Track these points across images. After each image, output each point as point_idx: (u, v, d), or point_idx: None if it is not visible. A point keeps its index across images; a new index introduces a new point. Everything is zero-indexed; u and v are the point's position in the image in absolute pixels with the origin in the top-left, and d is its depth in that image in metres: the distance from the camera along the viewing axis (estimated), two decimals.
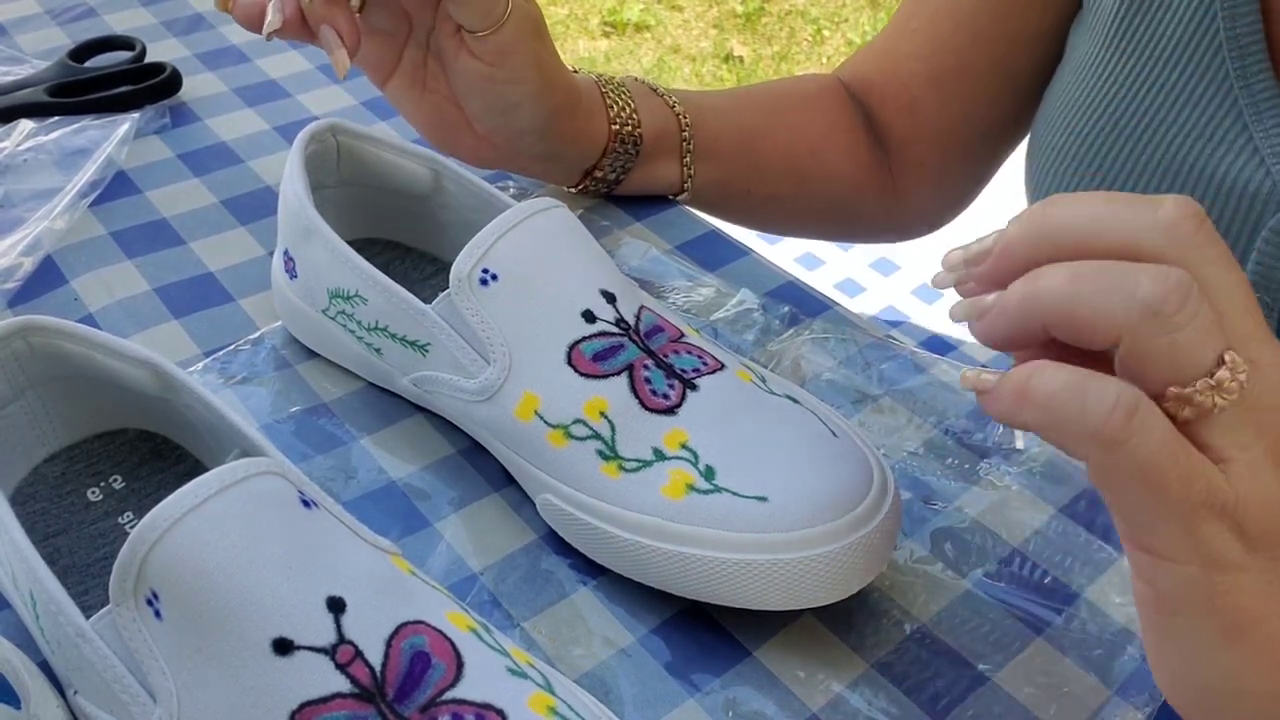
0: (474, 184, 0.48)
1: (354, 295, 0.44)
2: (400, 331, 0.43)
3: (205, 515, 0.30)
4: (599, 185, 0.57)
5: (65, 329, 0.38)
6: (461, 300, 0.41)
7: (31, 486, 0.40)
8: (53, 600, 0.32)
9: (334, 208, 0.50)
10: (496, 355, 0.41)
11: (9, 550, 0.34)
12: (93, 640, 0.31)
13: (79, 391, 0.40)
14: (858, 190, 0.65)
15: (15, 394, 0.39)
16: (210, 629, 0.30)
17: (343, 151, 0.50)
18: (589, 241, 0.43)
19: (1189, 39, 0.47)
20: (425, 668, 0.30)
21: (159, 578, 0.30)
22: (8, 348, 0.38)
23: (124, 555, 0.30)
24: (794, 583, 0.36)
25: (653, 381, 0.40)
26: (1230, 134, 0.46)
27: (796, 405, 0.40)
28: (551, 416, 0.40)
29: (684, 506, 0.37)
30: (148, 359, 0.38)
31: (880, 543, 0.37)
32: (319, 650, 0.30)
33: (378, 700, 0.29)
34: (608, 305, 0.41)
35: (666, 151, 0.57)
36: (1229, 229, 0.47)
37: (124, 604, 0.30)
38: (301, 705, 0.29)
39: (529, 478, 0.42)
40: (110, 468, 0.41)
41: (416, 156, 0.49)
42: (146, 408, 0.40)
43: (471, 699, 0.30)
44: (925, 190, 0.66)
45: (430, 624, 0.32)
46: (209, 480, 0.31)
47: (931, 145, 0.64)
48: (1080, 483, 0.45)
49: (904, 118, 0.64)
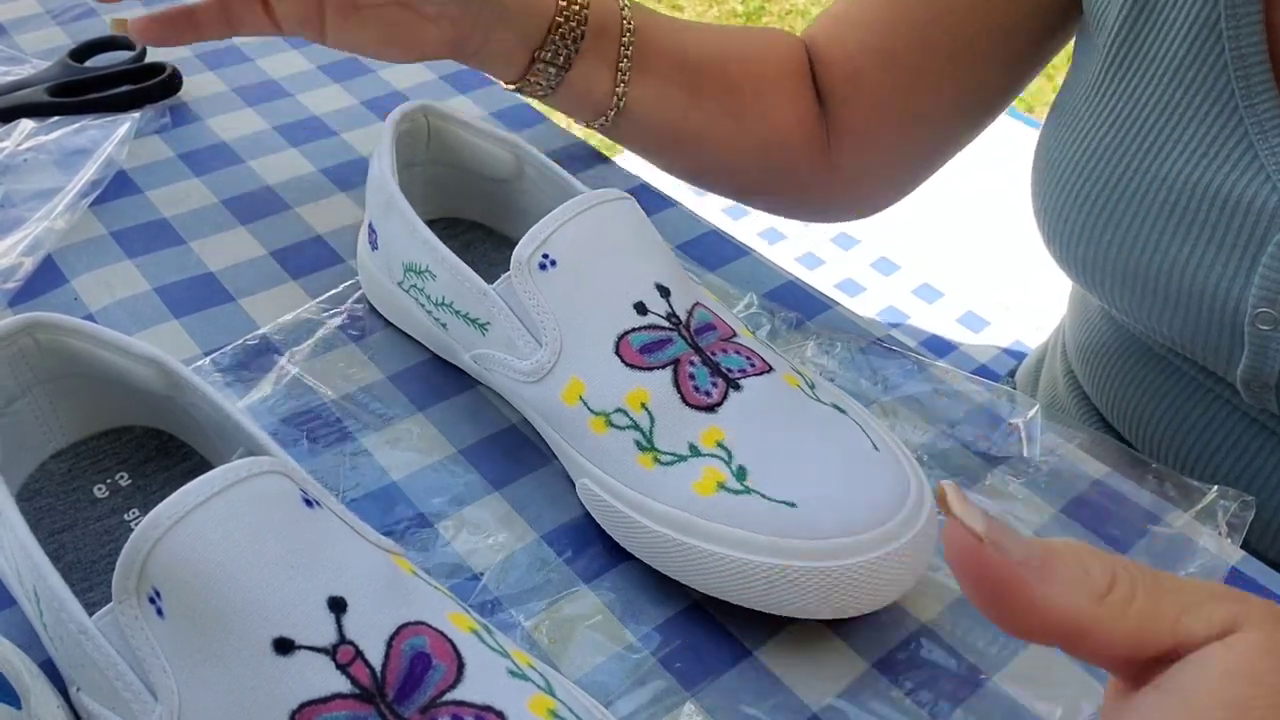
0: (553, 171, 0.49)
1: (425, 270, 0.46)
2: (464, 309, 0.44)
3: (208, 514, 0.30)
4: (542, 76, 0.55)
5: (72, 326, 0.38)
6: (520, 283, 0.42)
7: (38, 483, 0.40)
8: (56, 597, 0.32)
9: (421, 185, 0.52)
10: (548, 339, 0.41)
11: (14, 546, 0.34)
12: (95, 637, 0.31)
13: (86, 388, 0.40)
14: (794, 143, 0.62)
15: (22, 390, 0.39)
16: (212, 627, 0.30)
17: (432, 132, 0.51)
18: (651, 234, 0.44)
19: (1192, 57, 0.47)
20: (426, 668, 0.30)
21: (161, 576, 0.30)
22: (15, 344, 0.38)
23: (127, 553, 0.30)
24: (815, 592, 0.36)
25: (697, 378, 0.40)
26: (1235, 151, 0.46)
27: (841, 415, 0.40)
28: (595, 403, 0.40)
29: (713, 504, 0.38)
30: (154, 357, 0.38)
31: (908, 561, 0.37)
32: (320, 650, 0.30)
33: (378, 701, 0.29)
34: (661, 299, 0.42)
35: (604, 52, 0.55)
36: (1235, 245, 0.46)
37: (126, 601, 0.30)
38: (302, 705, 0.29)
39: (570, 461, 0.42)
40: (116, 465, 0.41)
41: (501, 142, 0.50)
42: (153, 405, 0.40)
43: (472, 700, 0.30)
44: (858, 161, 0.64)
45: (431, 625, 0.32)
46: (212, 479, 0.31)
47: (869, 116, 0.62)
48: (1082, 487, 0.45)
49: (845, 84, 0.61)
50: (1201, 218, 0.47)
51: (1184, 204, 0.48)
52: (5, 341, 0.38)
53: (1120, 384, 0.60)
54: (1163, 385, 0.57)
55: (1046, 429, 0.47)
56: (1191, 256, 0.48)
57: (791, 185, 0.64)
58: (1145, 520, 0.44)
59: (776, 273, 0.56)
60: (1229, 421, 0.54)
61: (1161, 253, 0.49)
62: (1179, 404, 0.56)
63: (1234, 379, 0.50)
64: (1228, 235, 0.46)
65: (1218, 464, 0.54)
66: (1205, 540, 0.43)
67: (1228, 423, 0.54)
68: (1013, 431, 0.47)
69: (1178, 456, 0.56)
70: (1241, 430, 0.53)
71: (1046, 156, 0.55)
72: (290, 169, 0.62)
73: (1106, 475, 0.45)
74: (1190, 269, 0.48)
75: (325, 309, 0.52)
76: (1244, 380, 0.50)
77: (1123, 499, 0.44)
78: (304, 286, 0.54)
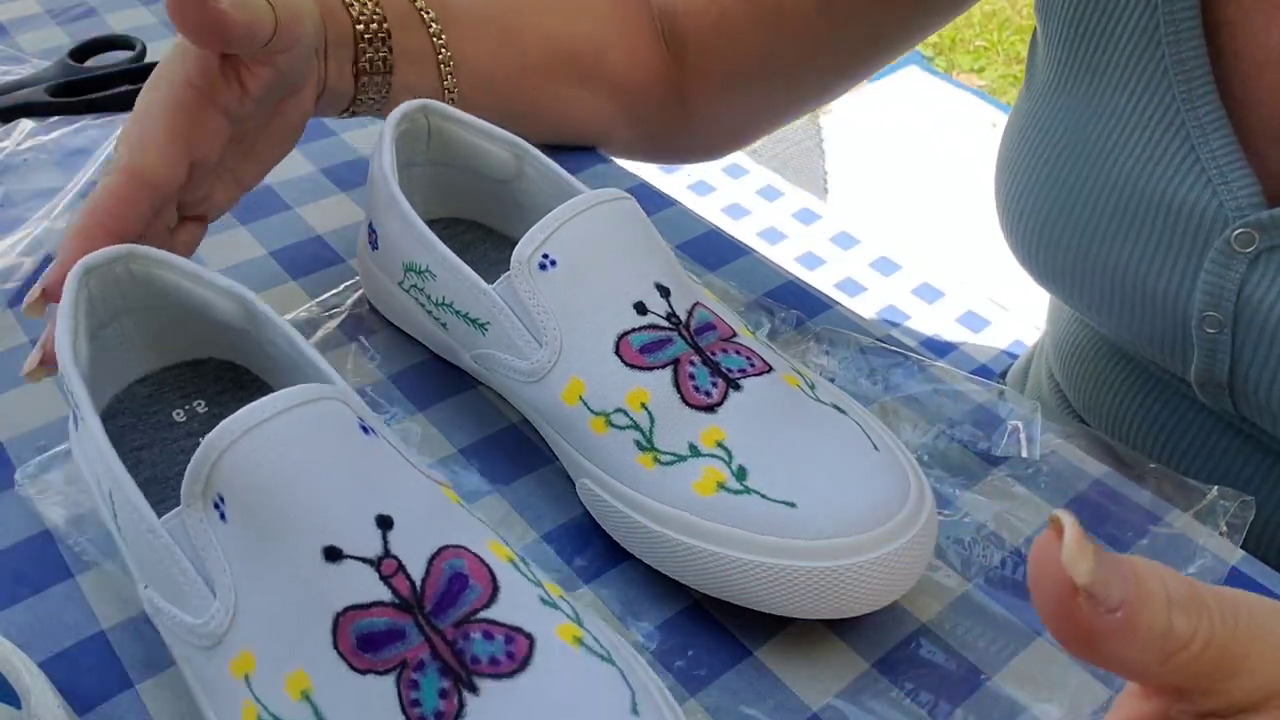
0: (553, 171, 0.49)
1: (425, 270, 0.46)
2: (464, 308, 0.44)
3: (272, 429, 0.33)
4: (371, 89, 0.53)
5: (164, 259, 0.41)
6: (520, 283, 0.42)
7: (122, 403, 0.43)
8: (129, 500, 0.35)
9: (421, 185, 0.52)
10: (548, 339, 0.41)
11: (94, 454, 0.36)
12: (163, 537, 0.34)
13: (171, 319, 0.42)
14: (648, 93, 0.62)
15: (113, 316, 0.42)
16: (268, 533, 0.32)
17: (433, 132, 0.51)
18: (651, 234, 0.44)
19: (1135, 63, 0.47)
20: (462, 588, 0.32)
21: (226, 483, 0.32)
22: (110, 273, 0.40)
23: (196, 460, 0.32)
24: (814, 592, 0.36)
25: (697, 378, 0.40)
26: (1178, 157, 0.46)
27: (841, 415, 0.40)
28: (595, 403, 0.40)
29: (713, 504, 0.38)
30: (237, 292, 0.40)
31: (908, 561, 0.37)
32: (365, 561, 0.32)
33: (415, 611, 0.31)
34: (661, 299, 0.42)
35: (418, 46, 0.54)
36: (1180, 250, 0.47)
37: (193, 505, 0.33)
38: (346, 608, 0.31)
39: (570, 461, 0.42)
40: (195, 392, 0.44)
41: (502, 141, 0.50)
42: (231, 339, 0.43)
43: (503, 621, 0.32)
44: (714, 108, 0.64)
45: (471, 549, 0.34)
46: (278, 398, 0.33)
47: (730, 64, 0.62)
48: (1082, 487, 0.45)
49: (708, 33, 0.62)
50: (1149, 223, 0.48)
51: (1133, 209, 0.48)
52: (102, 269, 0.40)
53: (1094, 385, 0.60)
54: (1133, 386, 0.57)
55: (1046, 429, 0.47)
56: (1141, 261, 0.48)
57: (643, 128, 0.64)
58: (1145, 520, 0.44)
59: (776, 273, 0.56)
60: (1197, 421, 0.54)
61: (1114, 257, 0.49)
62: (1149, 405, 0.56)
63: (1191, 380, 0.50)
64: (1174, 240, 0.47)
65: (1188, 464, 0.55)
66: (1205, 540, 0.43)
67: (1196, 422, 0.54)
68: (1013, 431, 0.47)
69: (1150, 457, 0.56)
70: (1210, 430, 0.53)
71: (1006, 162, 0.55)
72: (290, 169, 0.62)
73: (1106, 475, 0.45)
74: (1141, 273, 0.49)
75: (325, 309, 0.52)
76: (1198, 382, 0.50)
77: (1123, 499, 0.44)
78: (304, 286, 0.54)
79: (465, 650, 0.31)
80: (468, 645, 0.31)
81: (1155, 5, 0.46)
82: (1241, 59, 0.45)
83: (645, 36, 0.62)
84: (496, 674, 0.31)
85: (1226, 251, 0.45)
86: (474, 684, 0.30)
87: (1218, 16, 0.45)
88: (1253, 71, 0.45)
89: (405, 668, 0.31)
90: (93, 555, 0.41)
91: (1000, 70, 2.38)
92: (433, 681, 0.30)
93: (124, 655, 0.38)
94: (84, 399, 0.37)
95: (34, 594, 0.40)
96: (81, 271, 0.39)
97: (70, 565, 0.41)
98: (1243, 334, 0.46)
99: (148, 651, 0.38)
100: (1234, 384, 0.48)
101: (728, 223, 1.81)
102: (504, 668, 0.31)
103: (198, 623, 0.33)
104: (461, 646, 0.31)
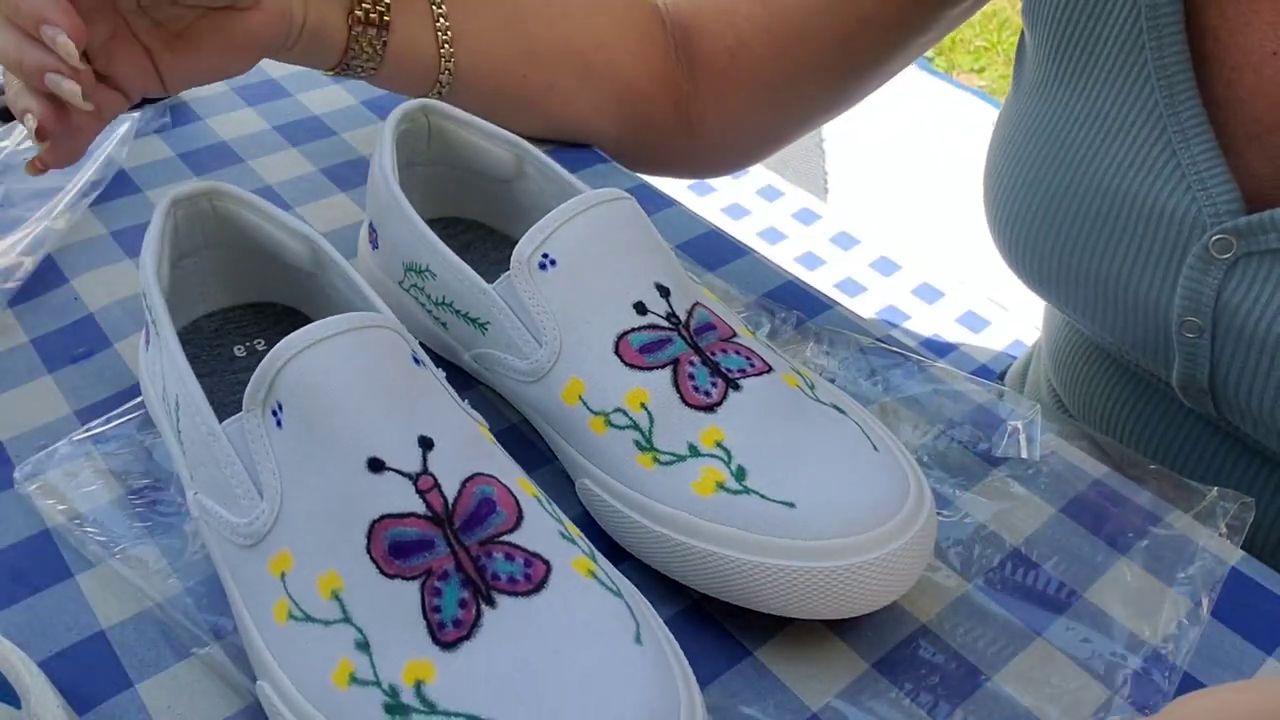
0: (553, 171, 0.49)
1: (425, 269, 0.46)
2: (463, 308, 0.45)
3: (332, 347, 0.35)
4: (364, 41, 0.53)
5: (243, 197, 0.44)
6: (520, 282, 0.42)
7: (189, 334, 0.47)
8: (194, 402, 0.37)
9: (422, 185, 0.52)
10: (548, 338, 0.41)
11: (166, 364, 0.39)
12: (220, 439, 0.36)
13: (245, 258, 0.45)
14: (650, 97, 0.63)
15: (193, 249, 0.45)
16: (319, 440, 0.34)
17: (433, 131, 0.51)
18: (651, 235, 0.44)
19: (1119, 67, 0.48)
20: (490, 512, 0.35)
21: (285, 392, 0.35)
22: (195, 206, 0.43)
23: (261, 368, 0.35)
24: (814, 592, 0.36)
25: (696, 378, 0.40)
26: (1159, 161, 0.46)
27: (841, 415, 0.40)
28: (594, 403, 0.40)
29: (712, 504, 0.38)
30: (307, 234, 0.43)
31: (908, 562, 0.37)
32: (404, 475, 0.34)
33: (445, 527, 0.34)
34: (660, 299, 0.42)
35: (417, 8, 0.54)
36: (1160, 255, 0.47)
37: (254, 410, 0.35)
38: (382, 516, 0.33)
39: (570, 460, 0.42)
40: (257, 332, 0.47)
41: (503, 141, 0.50)
42: (298, 283, 0.45)
43: (524, 546, 0.34)
44: (722, 127, 0.65)
45: (501, 480, 0.36)
46: (339, 320, 0.36)
47: (744, 90, 0.63)
48: (1082, 488, 0.45)
49: (723, 56, 0.62)
50: (1131, 227, 0.48)
51: (1115, 213, 0.48)
52: (187, 202, 0.43)
53: (1086, 388, 0.60)
54: (1123, 390, 0.57)
55: (1046, 429, 0.47)
56: (1124, 266, 0.49)
57: (639, 134, 0.65)
58: (1145, 521, 0.44)
59: (776, 273, 0.56)
60: (1186, 425, 0.54)
61: (1099, 261, 0.49)
62: (1139, 409, 0.56)
63: (1174, 384, 0.50)
64: (1154, 245, 0.47)
65: (1179, 467, 0.55)
66: (1205, 541, 0.43)
67: (1185, 426, 0.54)
68: (1013, 432, 0.47)
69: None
70: (1199, 433, 0.54)
71: (993, 166, 0.55)
72: (290, 169, 0.62)
73: (1106, 476, 0.45)
74: (1124, 278, 0.49)
75: None
76: (1180, 386, 0.50)
77: (1123, 499, 0.44)
78: None
79: (487, 567, 0.33)
80: (490, 563, 0.33)
81: (1139, 10, 0.46)
82: (1223, 63, 0.45)
83: (654, 45, 0.62)
84: (514, 592, 0.33)
85: (1205, 257, 0.45)
86: (492, 598, 0.33)
87: (1200, 22, 0.45)
88: (1233, 75, 0.45)
89: (430, 576, 0.33)
90: (93, 554, 0.41)
91: (1000, 70, 2.38)
92: (454, 591, 0.33)
93: (124, 655, 0.38)
94: (163, 315, 0.40)
95: (34, 593, 0.40)
96: (169, 203, 0.42)
97: (70, 565, 0.41)
98: (1222, 339, 0.46)
99: (148, 651, 0.38)
100: (1215, 388, 0.48)
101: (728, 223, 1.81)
102: (521, 587, 0.33)
103: (243, 522, 0.35)
104: (484, 563, 0.33)
